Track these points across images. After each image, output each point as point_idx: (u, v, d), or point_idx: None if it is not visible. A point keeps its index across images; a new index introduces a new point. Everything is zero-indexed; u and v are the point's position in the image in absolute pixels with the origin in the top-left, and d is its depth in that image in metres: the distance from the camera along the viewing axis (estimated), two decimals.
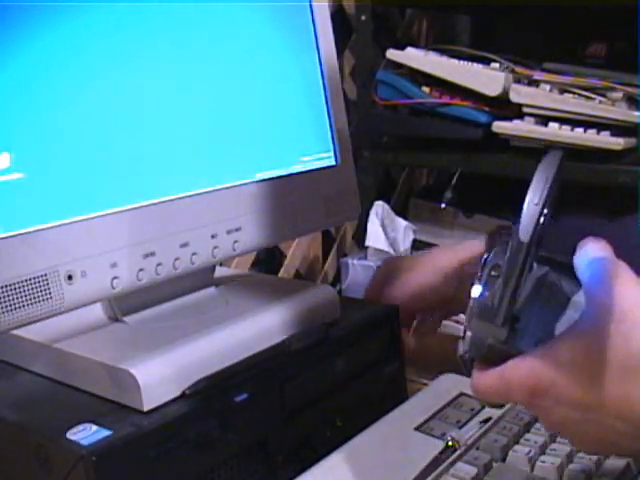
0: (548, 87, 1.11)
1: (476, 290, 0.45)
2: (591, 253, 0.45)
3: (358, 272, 1.14)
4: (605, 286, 0.42)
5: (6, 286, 0.49)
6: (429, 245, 1.32)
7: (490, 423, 0.63)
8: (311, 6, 0.74)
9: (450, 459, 0.59)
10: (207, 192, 0.63)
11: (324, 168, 0.74)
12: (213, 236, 0.63)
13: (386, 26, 1.51)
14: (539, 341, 0.44)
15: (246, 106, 0.67)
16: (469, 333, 0.46)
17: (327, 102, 0.75)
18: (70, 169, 0.54)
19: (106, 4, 0.56)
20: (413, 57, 1.22)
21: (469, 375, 0.46)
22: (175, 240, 0.60)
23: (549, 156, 0.46)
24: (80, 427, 0.52)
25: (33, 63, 0.52)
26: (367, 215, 1.16)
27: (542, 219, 0.43)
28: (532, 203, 0.43)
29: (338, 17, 1.34)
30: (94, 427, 0.52)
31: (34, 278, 0.50)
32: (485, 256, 0.46)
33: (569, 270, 0.46)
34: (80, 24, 0.55)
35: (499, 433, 0.61)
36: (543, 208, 0.43)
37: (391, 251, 1.13)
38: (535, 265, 0.47)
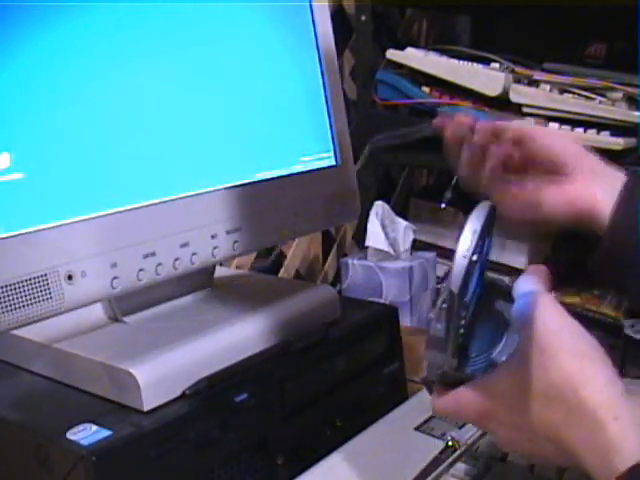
0: (548, 87, 1.11)
1: (431, 321, 0.49)
2: (522, 286, 0.49)
3: (358, 272, 1.14)
4: (529, 319, 0.46)
5: (6, 286, 0.49)
6: (429, 245, 1.32)
7: None
8: (311, 6, 0.74)
9: (450, 459, 0.59)
10: (207, 192, 0.63)
11: (324, 168, 0.74)
12: (213, 236, 0.63)
13: (386, 26, 1.51)
14: (487, 366, 0.48)
15: (246, 106, 0.67)
16: (425, 361, 0.50)
17: (327, 102, 0.75)
18: (70, 169, 0.54)
19: (106, 4, 0.56)
20: (413, 57, 1.22)
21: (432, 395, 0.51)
22: (175, 240, 0.60)
23: (478, 208, 0.50)
24: (80, 427, 0.52)
25: (33, 63, 0.52)
26: (367, 215, 1.15)
27: (471, 267, 0.46)
28: (461, 255, 0.46)
29: (338, 17, 1.33)
30: (94, 427, 0.52)
31: (34, 278, 0.50)
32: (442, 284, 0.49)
33: (510, 296, 0.50)
34: (80, 24, 0.55)
35: None
36: (471, 258, 0.46)
37: (391, 251, 1.13)
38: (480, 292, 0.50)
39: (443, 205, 0.71)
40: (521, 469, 0.58)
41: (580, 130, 1.08)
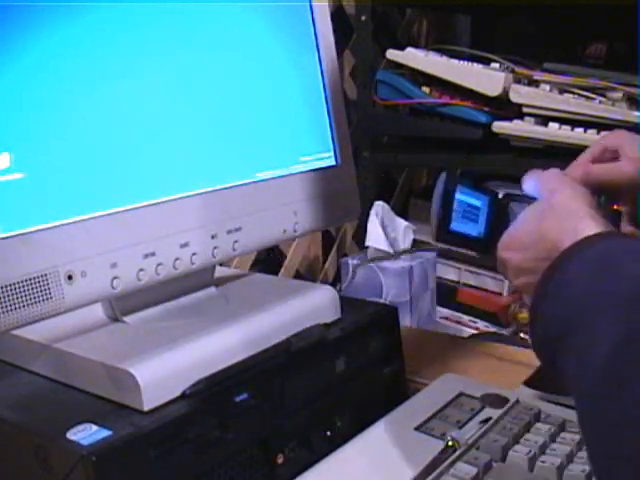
0: (548, 87, 1.11)
1: None
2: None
3: (358, 272, 1.14)
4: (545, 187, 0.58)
5: (6, 286, 0.49)
6: (429, 245, 1.32)
7: (490, 423, 0.63)
8: (311, 6, 0.74)
9: (450, 459, 0.59)
10: (207, 192, 0.63)
11: (324, 168, 0.74)
12: (213, 236, 0.63)
13: (386, 26, 1.51)
14: None
15: (246, 106, 0.67)
16: None
17: (327, 102, 0.75)
18: (70, 169, 0.54)
19: (106, 5, 0.56)
20: (413, 57, 1.22)
21: None
22: (175, 240, 0.60)
23: None
24: (80, 427, 0.52)
25: (33, 63, 0.52)
26: (367, 215, 1.16)
27: None
28: None
29: (338, 17, 1.34)
30: (94, 427, 0.52)
31: (34, 278, 0.50)
32: None
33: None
34: (80, 25, 0.55)
35: (499, 433, 0.61)
36: None
37: (391, 251, 1.13)
38: None
39: None
40: (521, 469, 0.58)
41: (580, 130, 1.08)
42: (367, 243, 1.15)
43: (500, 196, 0.69)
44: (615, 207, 0.68)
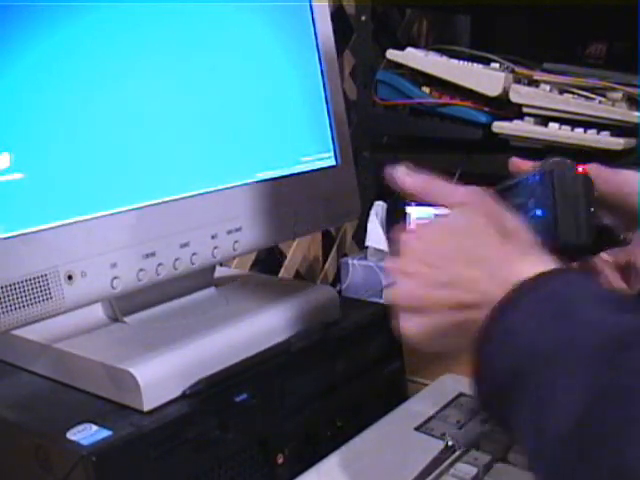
0: (548, 87, 1.11)
1: None
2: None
3: (358, 272, 1.14)
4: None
5: (6, 286, 0.49)
6: None
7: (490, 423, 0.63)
8: (311, 6, 0.74)
9: (450, 459, 0.59)
10: (207, 192, 0.63)
11: (324, 168, 0.74)
12: (213, 236, 0.63)
13: (386, 26, 1.51)
14: None
15: (246, 106, 0.67)
16: None
17: (327, 102, 0.75)
18: (70, 169, 0.54)
19: (107, 5, 0.56)
20: (413, 57, 1.22)
21: None
22: (175, 240, 0.60)
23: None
24: (80, 427, 0.52)
25: (34, 63, 0.52)
26: (367, 215, 1.15)
27: None
28: None
29: (338, 17, 1.33)
30: (94, 427, 0.52)
31: (34, 278, 0.50)
32: None
33: None
34: (81, 25, 0.55)
35: (499, 433, 0.61)
36: None
37: None
38: None
39: None
40: (521, 469, 0.58)
41: (580, 130, 1.08)
42: (367, 243, 1.15)
43: None
44: None
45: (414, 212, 0.60)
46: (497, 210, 0.50)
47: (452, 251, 0.48)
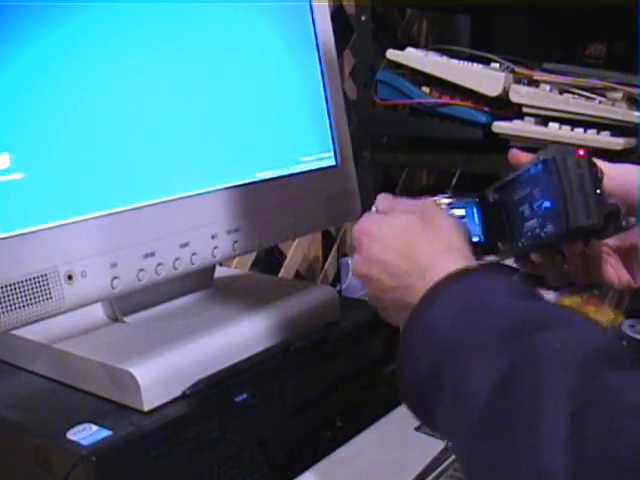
0: (548, 87, 1.11)
1: None
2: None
3: None
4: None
5: (6, 286, 0.49)
6: None
7: None
8: (311, 6, 0.74)
9: (450, 459, 0.59)
10: (207, 192, 0.63)
11: (324, 168, 0.74)
12: (213, 236, 0.63)
13: (386, 26, 1.51)
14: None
15: (246, 106, 0.67)
16: None
17: (327, 102, 0.75)
18: (70, 169, 0.54)
19: (106, 4, 0.56)
20: (413, 57, 1.22)
21: None
22: (175, 240, 0.60)
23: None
24: (80, 427, 0.52)
25: (33, 63, 0.52)
26: None
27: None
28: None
29: (338, 17, 1.33)
30: (94, 427, 0.52)
31: (34, 278, 0.50)
32: None
33: None
34: (80, 24, 0.55)
35: None
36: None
37: None
38: None
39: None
40: None
41: (580, 130, 1.08)
42: None
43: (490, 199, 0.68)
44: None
45: None
46: (433, 213, 0.54)
47: (388, 245, 0.53)
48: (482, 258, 0.56)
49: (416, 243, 0.52)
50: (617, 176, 0.57)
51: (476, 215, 0.62)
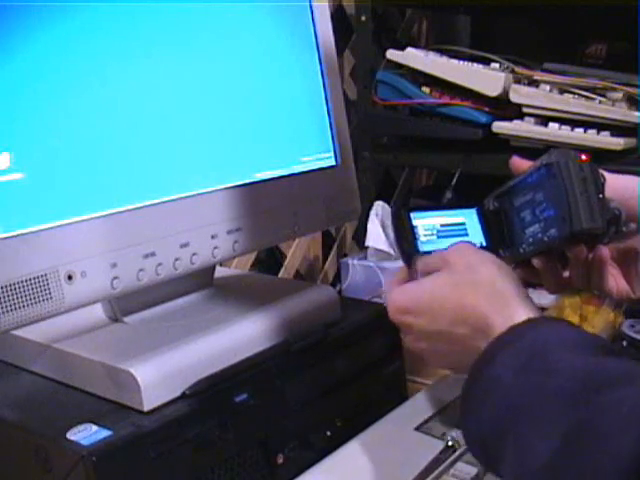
0: (548, 87, 1.11)
1: None
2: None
3: (358, 272, 1.14)
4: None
5: (6, 286, 0.49)
6: None
7: None
8: (311, 6, 0.74)
9: (450, 459, 0.59)
10: (207, 192, 0.63)
11: (324, 168, 0.74)
12: (213, 236, 0.63)
13: (386, 26, 1.51)
14: None
15: (246, 106, 0.67)
16: None
17: (327, 102, 0.75)
18: (70, 169, 0.54)
19: (107, 4, 0.56)
20: (413, 57, 1.22)
21: None
22: (175, 240, 0.60)
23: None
24: (80, 427, 0.52)
25: (33, 63, 0.52)
26: (367, 215, 1.15)
27: None
28: None
29: (338, 17, 1.33)
30: (94, 427, 0.52)
31: (34, 278, 0.50)
32: None
33: None
34: (80, 24, 0.55)
35: None
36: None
37: (391, 251, 1.13)
38: None
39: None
40: None
41: (580, 130, 1.08)
42: (367, 243, 1.15)
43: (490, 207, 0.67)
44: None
45: (420, 222, 0.61)
46: (462, 262, 0.54)
47: (436, 315, 0.53)
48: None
49: (464, 305, 0.51)
50: (616, 182, 0.58)
51: (476, 223, 0.62)
